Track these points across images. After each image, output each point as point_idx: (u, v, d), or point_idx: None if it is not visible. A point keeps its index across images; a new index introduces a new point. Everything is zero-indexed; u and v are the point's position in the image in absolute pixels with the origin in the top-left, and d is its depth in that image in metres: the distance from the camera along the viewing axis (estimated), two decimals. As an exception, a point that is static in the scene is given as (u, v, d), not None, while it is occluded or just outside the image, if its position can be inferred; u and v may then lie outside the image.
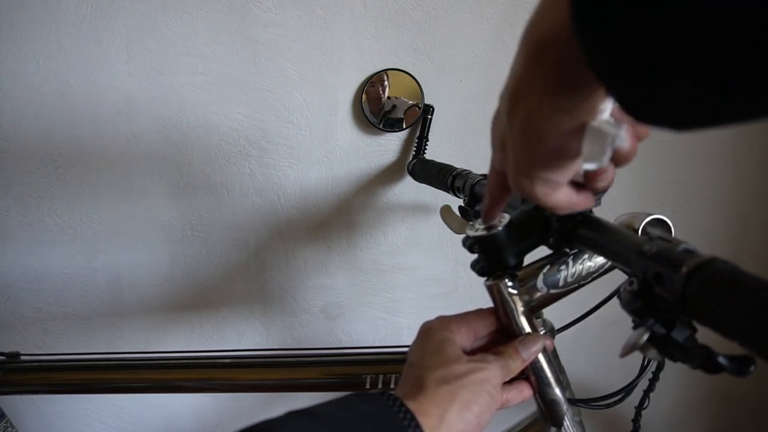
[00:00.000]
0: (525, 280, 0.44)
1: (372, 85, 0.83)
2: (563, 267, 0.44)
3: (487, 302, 0.45)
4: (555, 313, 0.57)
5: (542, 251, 0.44)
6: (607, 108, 0.26)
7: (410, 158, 0.87)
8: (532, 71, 0.26)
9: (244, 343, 0.96)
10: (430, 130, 0.85)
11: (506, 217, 0.42)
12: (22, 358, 0.70)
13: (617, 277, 0.40)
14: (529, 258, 0.45)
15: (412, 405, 0.35)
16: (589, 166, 0.28)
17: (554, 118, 0.26)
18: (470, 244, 0.43)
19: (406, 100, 0.84)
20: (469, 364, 0.39)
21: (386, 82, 0.83)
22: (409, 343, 0.44)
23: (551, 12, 0.24)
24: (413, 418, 0.34)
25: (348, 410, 0.34)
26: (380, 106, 0.83)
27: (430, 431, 0.35)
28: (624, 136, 0.26)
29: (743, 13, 0.16)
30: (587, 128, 0.26)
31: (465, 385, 0.38)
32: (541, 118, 0.27)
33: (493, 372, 0.39)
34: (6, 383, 0.68)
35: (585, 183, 0.32)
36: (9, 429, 0.83)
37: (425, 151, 0.85)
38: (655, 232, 0.44)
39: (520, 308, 0.43)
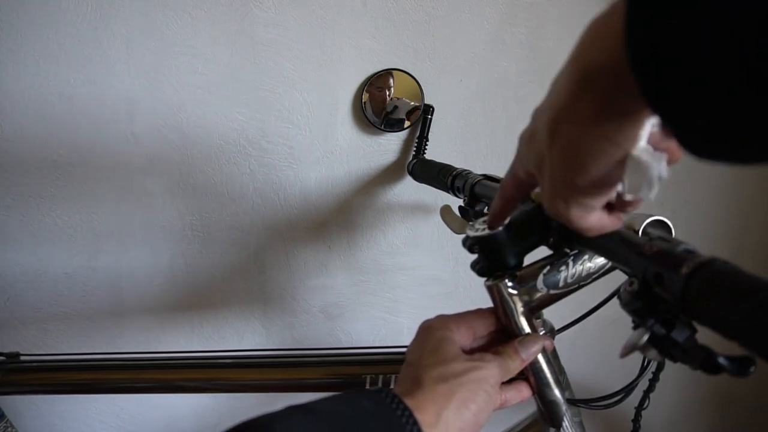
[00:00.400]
0: (525, 280, 0.44)
1: (376, 85, 0.83)
2: (563, 267, 0.44)
3: (486, 302, 0.45)
4: (555, 314, 0.57)
5: (542, 251, 0.44)
6: (645, 134, 0.26)
7: (410, 158, 0.87)
8: (578, 98, 0.26)
9: (244, 343, 0.96)
10: (430, 130, 0.85)
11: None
12: (22, 358, 0.70)
13: (617, 278, 0.40)
14: (530, 258, 0.45)
15: (409, 402, 0.35)
16: (631, 197, 0.28)
17: (599, 146, 0.26)
18: (470, 244, 0.43)
19: (407, 100, 0.84)
20: (468, 363, 0.39)
21: (392, 84, 0.82)
22: (409, 343, 0.44)
23: (600, 40, 0.24)
24: (411, 415, 0.34)
25: (347, 406, 0.34)
26: (384, 106, 0.83)
27: (428, 428, 0.35)
28: (665, 168, 0.26)
29: None
30: (629, 159, 0.26)
31: (463, 384, 0.38)
32: (586, 145, 0.27)
33: (491, 371, 0.39)
34: (6, 383, 0.68)
35: (616, 206, 0.32)
36: (9, 429, 0.83)
37: (425, 151, 0.85)
38: (656, 233, 0.44)
39: (520, 308, 0.43)
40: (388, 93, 0.83)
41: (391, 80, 0.83)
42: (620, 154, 0.26)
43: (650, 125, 0.26)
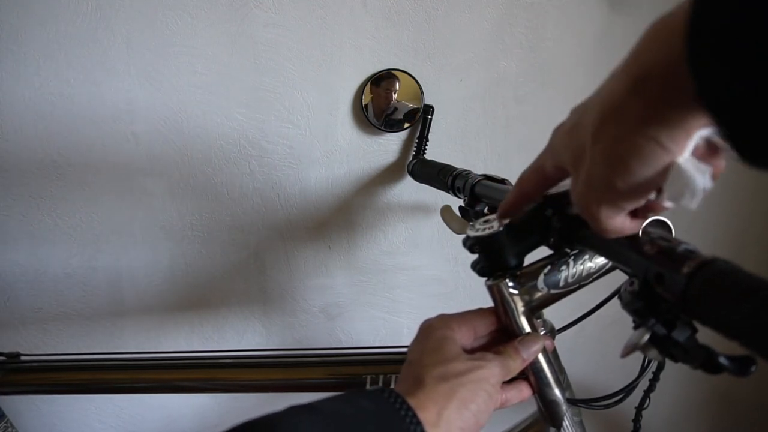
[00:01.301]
0: (525, 280, 0.44)
1: (381, 86, 0.82)
2: (564, 267, 0.44)
3: (487, 302, 0.45)
4: (555, 313, 0.57)
5: (543, 251, 0.44)
6: (691, 146, 0.26)
7: (410, 158, 0.87)
8: (630, 99, 0.26)
9: (244, 343, 0.96)
10: (430, 130, 0.85)
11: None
12: (22, 358, 0.70)
13: (618, 278, 0.40)
14: (530, 258, 0.45)
15: (411, 401, 0.36)
16: (670, 205, 0.28)
17: (649, 148, 0.26)
18: (471, 244, 0.43)
19: (407, 100, 0.84)
20: (468, 363, 0.39)
21: (397, 84, 0.82)
22: (409, 343, 0.44)
23: (658, 44, 0.24)
24: (414, 414, 0.35)
25: (350, 406, 0.34)
26: (386, 107, 0.83)
27: (429, 426, 0.35)
28: (710, 180, 0.26)
29: None
30: (674, 167, 0.26)
31: (463, 383, 0.38)
32: (634, 146, 0.26)
33: (492, 371, 0.39)
34: (6, 383, 0.68)
35: (641, 209, 0.32)
36: (9, 429, 0.83)
37: (425, 151, 0.85)
38: (656, 232, 0.44)
39: (521, 308, 0.43)
40: (394, 94, 0.83)
41: (397, 82, 0.83)
42: (668, 159, 0.26)
43: (698, 137, 0.25)
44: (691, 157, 0.26)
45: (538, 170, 0.37)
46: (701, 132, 0.25)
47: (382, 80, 0.82)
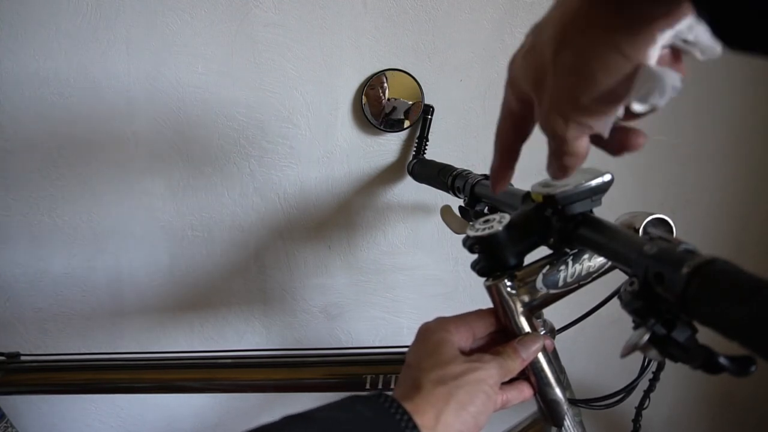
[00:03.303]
0: (525, 280, 0.43)
1: (372, 87, 0.83)
2: (563, 267, 0.44)
3: (487, 302, 0.45)
4: (555, 313, 0.57)
5: (542, 251, 0.44)
6: (655, 55, 0.26)
7: (410, 158, 0.87)
8: (593, 6, 0.25)
9: (244, 344, 0.96)
10: (430, 130, 0.85)
11: (506, 217, 0.42)
12: (22, 358, 0.70)
13: (617, 277, 0.40)
14: (530, 258, 0.45)
15: (408, 406, 0.35)
16: (640, 108, 0.27)
17: (611, 58, 0.26)
18: (470, 244, 0.43)
19: (407, 100, 0.84)
20: (466, 365, 0.39)
21: (386, 84, 0.82)
22: (409, 343, 0.44)
23: None
24: (410, 419, 0.34)
25: (346, 413, 0.34)
26: (380, 107, 0.83)
27: (427, 430, 0.35)
28: (679, 80, 0.26)
29: None
30: (642, 69, 0.26)
31: (461, 386, 0.38)
32: (597, 57, 0.26)
33: (489, 372, 0.39)
34: (6, 383, 0.68)
35: (609, 141, 0.31)
36: (9, 429, 0.83)
37: (425, 151, 0.85)
38: (656, 231, 0.44)
39: (520, 308, 0.43)
40: (387, 95, 0.83)
41: (391, 80, 0.83)
42: (629, 67, 0.26)
43: (660, 45, 0.26)
44: (655, 65, 0.26)
45: (507, 115, 0.36)
46: (664, 38, 0.25)
47: (372, 81, 0.82)
